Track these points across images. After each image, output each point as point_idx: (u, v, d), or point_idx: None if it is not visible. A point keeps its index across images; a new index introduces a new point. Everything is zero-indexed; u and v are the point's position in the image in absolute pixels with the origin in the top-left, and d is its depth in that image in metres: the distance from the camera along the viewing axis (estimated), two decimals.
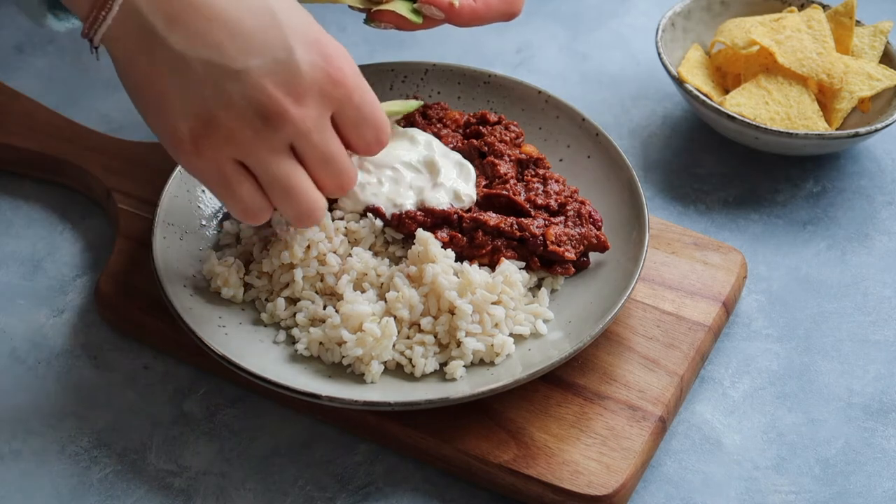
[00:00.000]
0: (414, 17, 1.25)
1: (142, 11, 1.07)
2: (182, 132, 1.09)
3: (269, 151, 1.10)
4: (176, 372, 1.25)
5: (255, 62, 1.08)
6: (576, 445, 1.16)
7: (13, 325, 1.29)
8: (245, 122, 1.09)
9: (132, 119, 1.48)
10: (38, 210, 1.39)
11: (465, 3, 1.25)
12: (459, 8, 1.24)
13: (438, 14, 1.25)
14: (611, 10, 1.64)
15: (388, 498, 1.17)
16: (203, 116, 1.08)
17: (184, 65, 1.08)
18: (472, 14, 1.25)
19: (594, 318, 1.19)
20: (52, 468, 1.18)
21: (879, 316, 1.31)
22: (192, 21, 1.07)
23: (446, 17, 1.25)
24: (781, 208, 1.41)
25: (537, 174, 1.29)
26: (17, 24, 1.59)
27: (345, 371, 1.19)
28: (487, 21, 1.26)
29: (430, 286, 1.20)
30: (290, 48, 1.09)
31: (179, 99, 1.09)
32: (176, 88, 1.09)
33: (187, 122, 1.09)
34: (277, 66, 1.08)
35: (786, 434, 1.22)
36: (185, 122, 1.09)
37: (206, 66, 1.08)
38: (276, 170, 1.11)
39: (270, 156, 1.10)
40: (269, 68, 1.08)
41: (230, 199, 1.12)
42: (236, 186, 1.11)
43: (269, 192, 1.13)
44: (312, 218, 1.14)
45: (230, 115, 1.08)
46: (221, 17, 1.08)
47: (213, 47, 1.08)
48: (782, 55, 1.41)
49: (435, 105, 1.35)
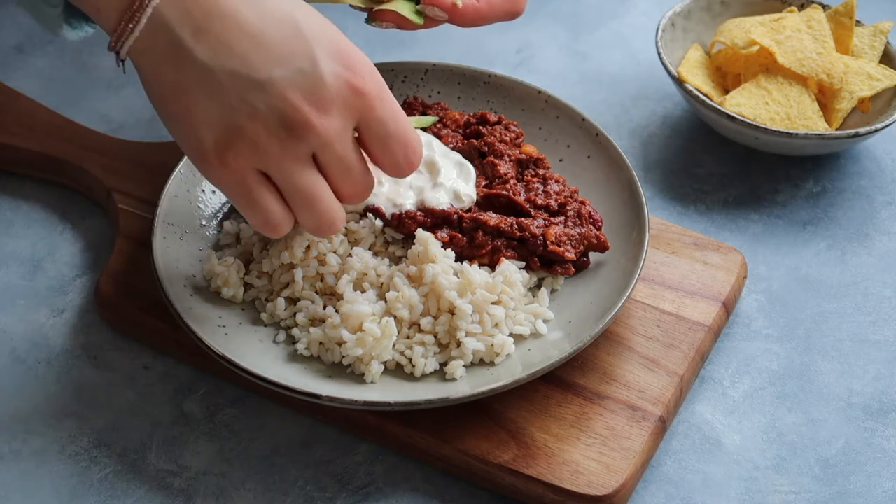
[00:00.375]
0: (416, 17, 1.25)
1: (170, 24, 1.07)
2: (207, 143, 1.09)
3: (292, 161, 1.10)
4: (176, 372, 1.25)
5: (280, 73, 1.08)
6: (576, 445, 1.16)
7: (13, 325, 1.29)
8: (270, 133, 1.09)
9: (132, 119, 1.48)
10: (38, 210, 1.39)
11: (469, 3, 1.24)
12: (463, 8, 1.24)
13: (442, 15, 1.24)
14: (611, 10, 1.64)
15: (388, 498, 1.17)
16: (228, 127, 1.08)
17: (209, 76, 1.08)
18: (475, 14, 1.25)
19: (594, 318, 1.19)
20: (52, 468, 1.18)
21: (879, 316, 1.31)
22: (218, 32, 1.07)
23: (449, 18, 1.25)
24: (781, 208, 1.41)
25: (537, 174, 1.29)
26: (18, 24, 1.59)
27: (345, 371, 1.19)
28: (491, 21, 1.26)
29: (430, 286, 1.20)
30: (315, 58, 1.09)
31: (204, 110, 1.09)
32: (201, 100, 1.09)
33: (212, 133, 1.09)
34: (301, 77, 1.08)
35: (786, 434, 1.22)
36: (209, 133, 1.09)
37: (231, 78, 1.08)
38: (298, 180, 1.11)
39: (294, 166, 1.10)
40: (293, 79, 1.08)
41: (252, 209, 1.12)
42: (259, 197, 1.11)
43: (291, 202, 1.12)
44: (332, 229, 1.14)
45: (255, 126, 1.08)
46: (246, 29, 1.08)
47: (238, 58, 1.08)
48: (782, 55, 1.41)
49: (435, 105, 1.35)
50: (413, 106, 1.35)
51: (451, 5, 1.24)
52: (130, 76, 1.15)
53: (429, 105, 1.35)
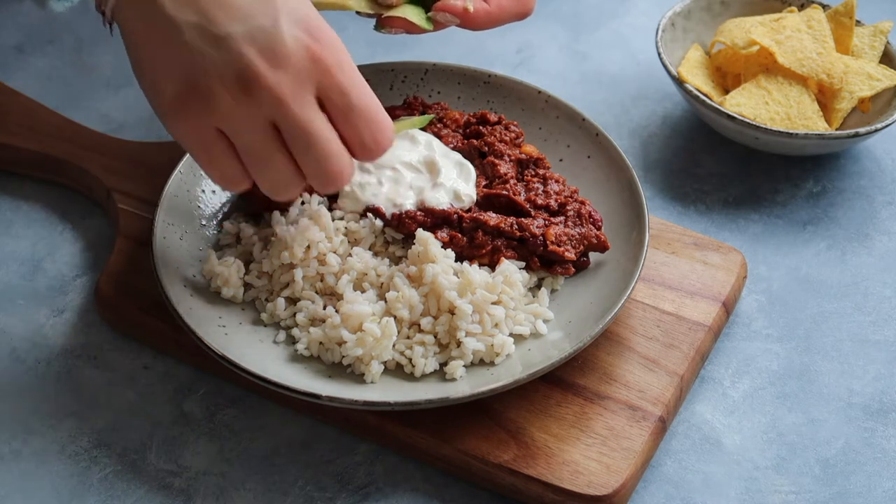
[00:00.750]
0: (425, 23, 1.24)
1: None
2: (168, 94, 1.10)
3: (245, 119, 1.09)
4: (176, 372, 1.25)
5: (238, 28, 1.08)
6: (576, 445, 1.16)
7: (13, 325, 1.29)
8: (224, 88, 1.08)
9: (132, 119, 1.48)
10: (38, 210, 1.39)
11: (479, 6, 1.24)
12: (474, 13, 1.24)
13: (453, 19, 1.24)
14: (611, 10, 1.64)
15: (388, 498, 1.17)
16: (187, 80, 1.09)
17: (175, 30, 1.09)
18: (486, 17, 1.25)
19: (594, 318, 1.19)
20: (52, 468, 1.18)
21: (879, 316, 1.31)
22: None
23: (461, 23, 1.24)
24: (781, 208, 1.41)
25: (537, 174, 1.29)
26: (17, 24, 1.59)
27: (345, 371, 1.19)
28: (501, 22, 1.26)
29: (430, 286, 1.20)
30: (276, 19, 1.09)
31: (166, 63, 1.10)
32: (165, 52, 1.10)
33: (173, 86, 1.10)
34: (259, 33, 1.08)
35: (786, 434, 1.22)
36: (170, 86, 1.10)
37: (193, 31, 1.09)
38: (250, 138, 1.10)
39: (246, 123, 1.09)
40: (251, 34, 1.08)
41: (207, 164, 1.12)
42: (214, 151, 1.11)
43: (244, 160, 1.11)
44: (285, 193, 1.13)
45: (210, 81, 1.09)
46: None
47: (202, 13, 1.09)
48: (782, 55, 1.41)
49: (435, 105, 1.35)
50: (413, 106, 1.35)
51: (462, 10, 1.24)
52: (131, 77, 1.15)
53: (429, 105, 1.35)
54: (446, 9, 1.24)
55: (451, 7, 1.24)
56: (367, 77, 1.38)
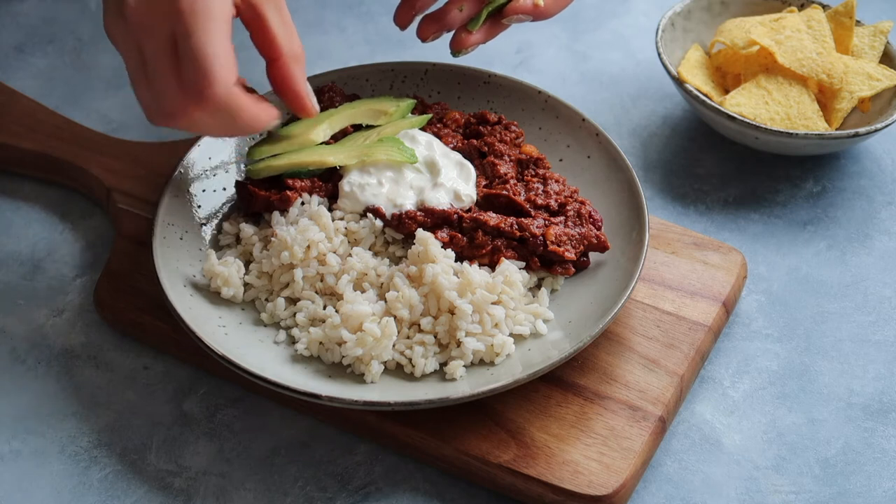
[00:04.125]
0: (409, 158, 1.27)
1: None
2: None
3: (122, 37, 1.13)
4: (176, 372, 1.25)
5: None
6: (576, 445, 1.16)
7: (13, 325, 1.29)
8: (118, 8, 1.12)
9: (132, 119, 1.49)
10: (38, 210, 1.39)
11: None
12: (545, 6, 1.28)
13: (527, 18, 1.29)
14: (611, 10, 1.65)
15: (388, 498, 1.17)
16: None
17: None
18: (555, 5, 1.29)
19: (594, 318, 1.19)
20: (52, 468, 1.18)
21: (879, 316, 1.31)
22: None
23: (534, 18, 1.29)
24: (781, 208, 1.41)
25: (537, 174, 1.29)
26: (18, 24, 1.59)
27: (345, 371, 1.19)
28: (567, 3, 1.30)
29: (430, 286, 1.20)
30: None
31: None
32: None
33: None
34: None
35: (786, 434, 1.22)
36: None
37: None
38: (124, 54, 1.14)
39: (124, 43, 1.13)
40: None
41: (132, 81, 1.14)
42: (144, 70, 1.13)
43: None
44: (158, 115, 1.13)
45: None
46: None
47: None
48: (782, 55, 1.41)
49: (435, 105, 1.35)
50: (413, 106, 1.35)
51: (532, 7, 1.28)
52: None
53: (429, 105, 1.35)
54: (519, 10, 1.28)
55: (522, 7, 1.28)
56: (368, 77, 1.39)
